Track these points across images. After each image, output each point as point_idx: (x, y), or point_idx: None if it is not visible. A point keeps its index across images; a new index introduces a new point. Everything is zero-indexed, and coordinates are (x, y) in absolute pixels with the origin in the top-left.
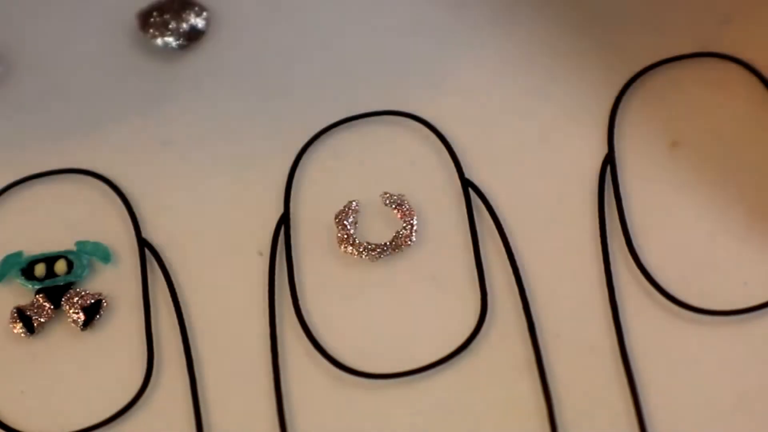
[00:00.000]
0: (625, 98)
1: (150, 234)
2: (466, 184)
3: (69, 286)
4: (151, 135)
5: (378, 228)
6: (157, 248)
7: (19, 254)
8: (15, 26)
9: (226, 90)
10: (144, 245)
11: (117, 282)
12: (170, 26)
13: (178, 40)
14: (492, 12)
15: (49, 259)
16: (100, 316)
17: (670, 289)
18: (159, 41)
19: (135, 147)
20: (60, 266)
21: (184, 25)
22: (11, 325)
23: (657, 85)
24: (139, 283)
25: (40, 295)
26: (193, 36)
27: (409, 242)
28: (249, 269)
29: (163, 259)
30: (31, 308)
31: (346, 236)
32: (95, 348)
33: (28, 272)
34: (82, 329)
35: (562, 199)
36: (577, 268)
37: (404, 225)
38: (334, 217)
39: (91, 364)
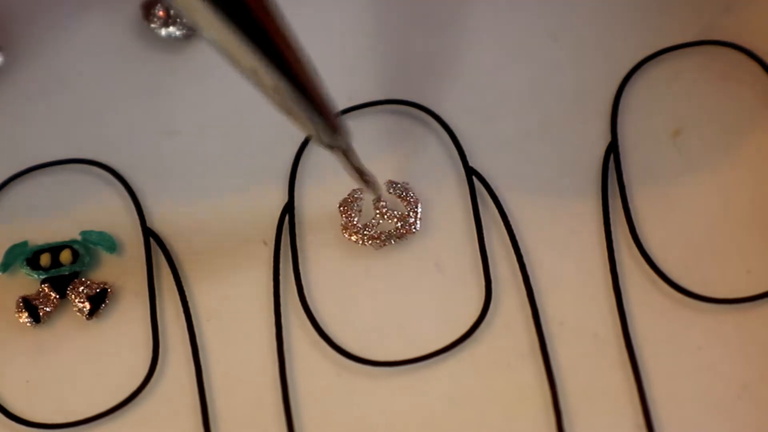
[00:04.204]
0: (628, 87)
1: (155, 223)
2: (471, 173)
3: (74, 275)
4: (156, 125)
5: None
6: (162, 238)
7: (24, 244)
8: (19, 17)
9: (230, 80)
10: (149, 235)
11: (122, 271)
12: (174, 16)
13: (182, 30)
14: (495, 1)
15: (54, 249)
16: (105, 305)
17: (674, 277)
18: (163, 31)
19: (140, 137)
20: (65, 256)
21: None
22: (17, 315)
23: (660, 74)
24: (144, 273)
25: (46, 285)
26: None
27: (414, 230)
28: (254, 258)
29: (168, 248)
30: (37, 298)
31: (350, 224)
32: (101, 337)
33: (33, 262)
34: (87, 318)
35: (566, 187)
36: (580, 256)
37: (408, 213)
38: (338, 205)
39: (97, 353)
